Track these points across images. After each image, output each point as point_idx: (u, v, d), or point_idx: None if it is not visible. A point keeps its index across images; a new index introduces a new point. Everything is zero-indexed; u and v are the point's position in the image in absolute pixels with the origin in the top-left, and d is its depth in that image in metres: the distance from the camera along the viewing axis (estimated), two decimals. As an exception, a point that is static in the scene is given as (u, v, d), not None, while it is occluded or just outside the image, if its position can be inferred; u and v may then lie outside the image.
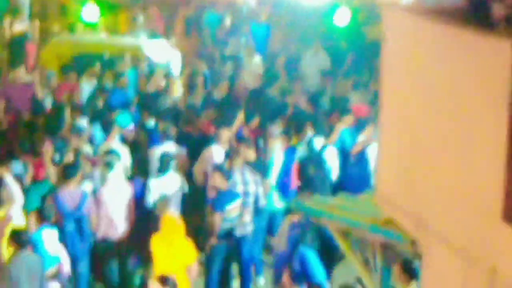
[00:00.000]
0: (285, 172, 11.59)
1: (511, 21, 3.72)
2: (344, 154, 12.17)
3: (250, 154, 11.46)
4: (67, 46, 16.13)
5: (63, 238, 9.87)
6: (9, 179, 9.73)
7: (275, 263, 10.31)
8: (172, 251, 9.54)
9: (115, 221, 10.48)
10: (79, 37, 17.57)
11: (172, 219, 9.81)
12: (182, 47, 17.29)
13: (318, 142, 11.99)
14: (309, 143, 11.95)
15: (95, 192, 10.48)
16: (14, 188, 9.62)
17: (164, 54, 16.13)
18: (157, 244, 9.65)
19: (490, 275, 3.61)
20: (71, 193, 10.07)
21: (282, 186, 11.57)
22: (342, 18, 17.19)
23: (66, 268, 9.45)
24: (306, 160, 11.72)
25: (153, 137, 12.21)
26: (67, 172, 10.22)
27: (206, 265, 10.32)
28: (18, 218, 9.37)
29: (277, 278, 9.69)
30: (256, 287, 11.02)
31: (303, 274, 8.80)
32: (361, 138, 12.09)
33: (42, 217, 9.34)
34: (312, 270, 8.80)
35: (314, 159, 11.73)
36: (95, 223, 10.28)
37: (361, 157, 11.72)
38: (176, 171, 11.21)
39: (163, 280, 8.16)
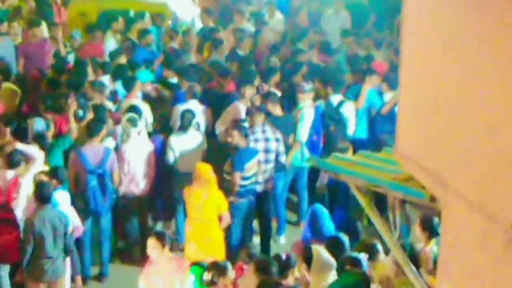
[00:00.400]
0: (314, 129, 11.57)
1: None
2: (371, 114, 12.08)
3: (277, 110, 11.43)
4: (91, 3, 16.05)
5: (87, 194, 9.96)
6: (20, 146, 9.75)
7: None
8: (205, 200, 9.58)
9: (136, 177, 10.54)
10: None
11: (206, 167, 9.82)
12: (204, 4, 17.18)
13: (336, 98, 11.95)
14: (327, 100, 11.90)
15: (116, 149, 10.53)
16: (31, 150, 9.67)
17: (188, 11, 16.04)
18: (190, 194, 9.68)
19: (509, 231, 3.58)
20: (95, 150, 10.10)
21: (311, 144, 11.55)
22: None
23: (78, 231, 9.47)
24: (325, 117, 11.67)
25: (177, 95, 12.20)
26: (92, 128, 10.25)
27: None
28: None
29: None
30: (276, 245, 11.05)
31: (313, 230, 8.77)
32: (388, 96, 11.97)
33: (56, 178, 9.34)
34: (324, 225, 8.75)
35: (333, 115, 11.68)
36: (117, 179, 10.36)
37: (392, 115, 11.61)
38: (197, 128, 11.21)
39: (160, 236, 8.20)
